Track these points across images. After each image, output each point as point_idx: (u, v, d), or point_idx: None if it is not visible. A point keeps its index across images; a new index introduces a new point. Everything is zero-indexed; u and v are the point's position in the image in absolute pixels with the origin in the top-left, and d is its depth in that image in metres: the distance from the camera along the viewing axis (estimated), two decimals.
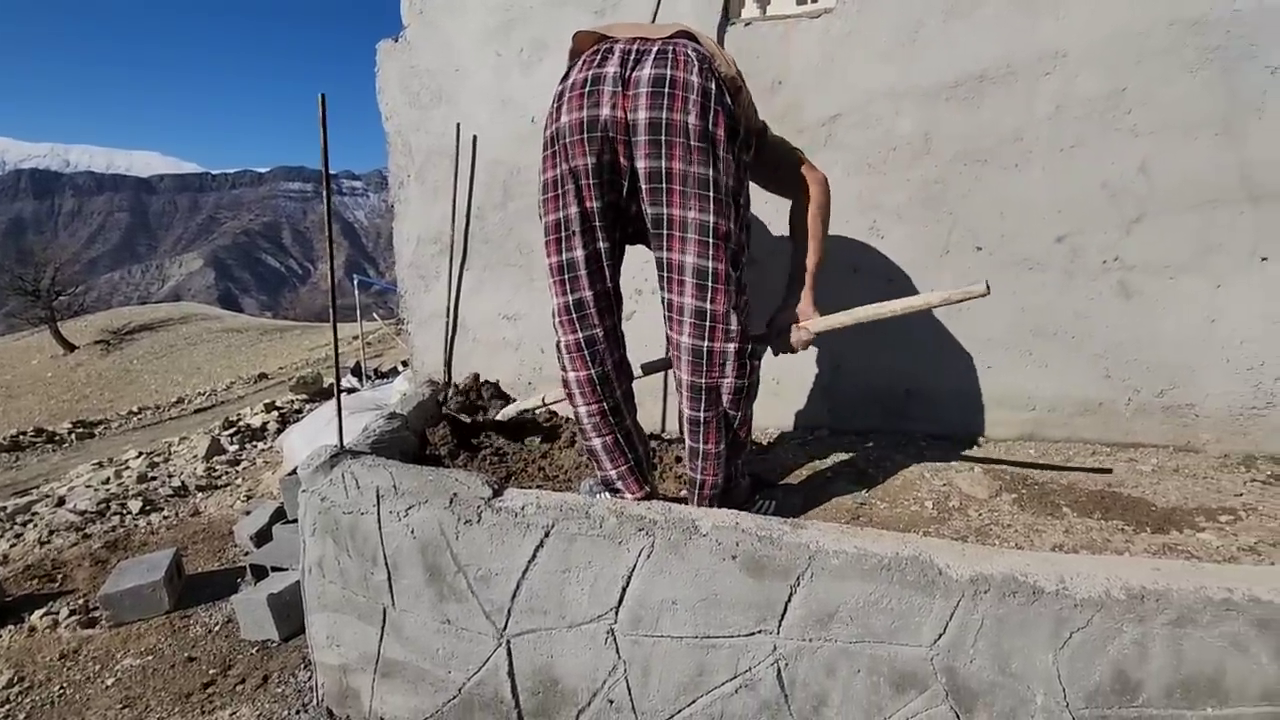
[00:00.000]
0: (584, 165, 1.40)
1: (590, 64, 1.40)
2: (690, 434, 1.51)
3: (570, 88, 1.41)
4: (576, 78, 1.40)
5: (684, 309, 1.43)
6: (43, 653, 2.02)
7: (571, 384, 1.54)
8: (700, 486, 1.55)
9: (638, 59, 1.37)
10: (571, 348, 1.52)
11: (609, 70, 1.37)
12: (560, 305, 1.50)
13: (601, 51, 1.42)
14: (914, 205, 2.02)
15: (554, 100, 1.46)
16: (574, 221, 1.45)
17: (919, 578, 1.12)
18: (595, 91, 1.37)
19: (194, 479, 3.80)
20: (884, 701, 1.16)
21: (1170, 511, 1.52)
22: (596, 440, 1.56)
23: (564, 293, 1.49)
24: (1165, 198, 1.80)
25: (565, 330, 1.51)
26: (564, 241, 1.47)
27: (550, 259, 1.50)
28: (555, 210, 1.47)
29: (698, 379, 1.45)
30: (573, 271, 1.47)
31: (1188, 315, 1.83)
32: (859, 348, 2.12)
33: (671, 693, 1.28)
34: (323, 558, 1.52)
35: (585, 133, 1.38)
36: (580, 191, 1.43)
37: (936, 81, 1.94)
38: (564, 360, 1.54)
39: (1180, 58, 1.75)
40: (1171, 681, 1.02)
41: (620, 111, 1.36)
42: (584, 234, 1.45)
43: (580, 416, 1.56)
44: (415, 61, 2.45)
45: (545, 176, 1.48)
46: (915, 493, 1.70)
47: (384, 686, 1.52)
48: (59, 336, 21.55)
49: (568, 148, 1.40)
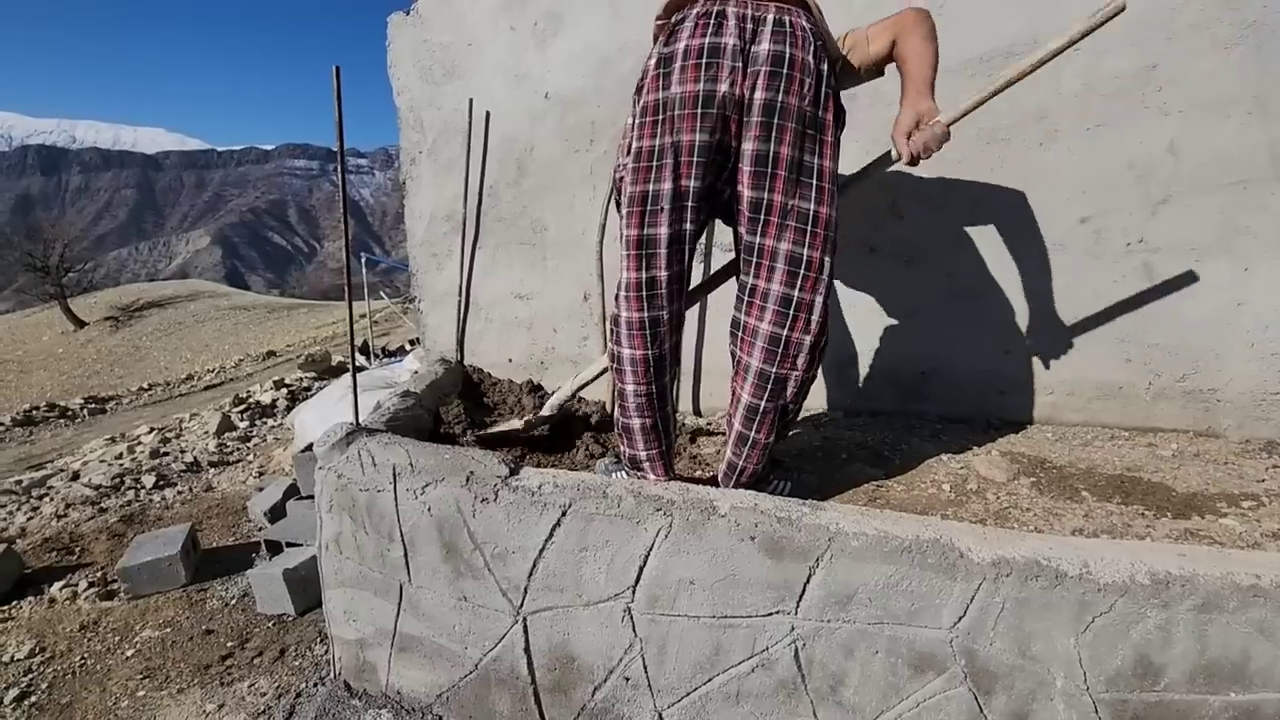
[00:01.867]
0: (692, 141, 1.34)
1: (704, 30, 1.31)
2: (744, 421, 1.47)
3: (684, 55, 1.31)
4: (690, 44, 1.31)
5: (769, 295, 1.40)
6: (63, 624, 2.05)
7: (625, 360, 1.50)
8: (739, 473, 1.52)
9: (755, 30, 1.30)
10: (635, 325, 1.47)
11: (727, 41, 1.29)
12: (631, 280, 1.45)
13: (714, 16, 1.32)
14: (934, 185, 1.98)
15: (658, 64, 1.36)
16: (664, 198, 1.38)
17: (940, 560, 1.12)
18: (714, 64, 1.30)
19: (206, 455, 3.83)
20: (902, 683, 1.16)
21: (1191, 497, 1.51)
22: (637, 420, 1.52)
23: (638, 269, 1.43)
24: (1193, 178, 1.76)
25: (631, 307, 1.46)
26: (648, 216, 1.41)
27: (629, 231, 1.43)
28: (646, 182, 1.39)
29: (769, 367, 1.42)
30: (651, 249, 1.42)
31: (1213, 298, 1.80)
32: (874, 329, 2.10)
33: (688, 671, 1.29)
34: (339, 534, 1.53)
35: (700, 108, 1.31)
36: (679, 168, 1.36)
37: (959, 58, 1.89)
38: (622, 336, 1.49)
39: (1213, 34, 1.70)
40: (1194, 667, 1.02)
41: (739, 89, 1.30)
42: (673, 212, 1.39)
43: (626, 394, 1.52)
44: (427, 35, 2.41)
45: (640, 144, 1.39)
46: (932, 475, 1.69)
47: (401, 661, 1.54)
48: (69, 313, 21.70)
49: (674, 120, 1.33)
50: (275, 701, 1.66)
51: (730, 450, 1.53)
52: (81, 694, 1.75)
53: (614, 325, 1.52)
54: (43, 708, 1.70)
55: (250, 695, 1.70)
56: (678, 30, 1.35)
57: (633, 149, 1.41)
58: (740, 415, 1.48)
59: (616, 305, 1.50)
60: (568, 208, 2.33)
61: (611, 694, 1.36)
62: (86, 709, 1.69)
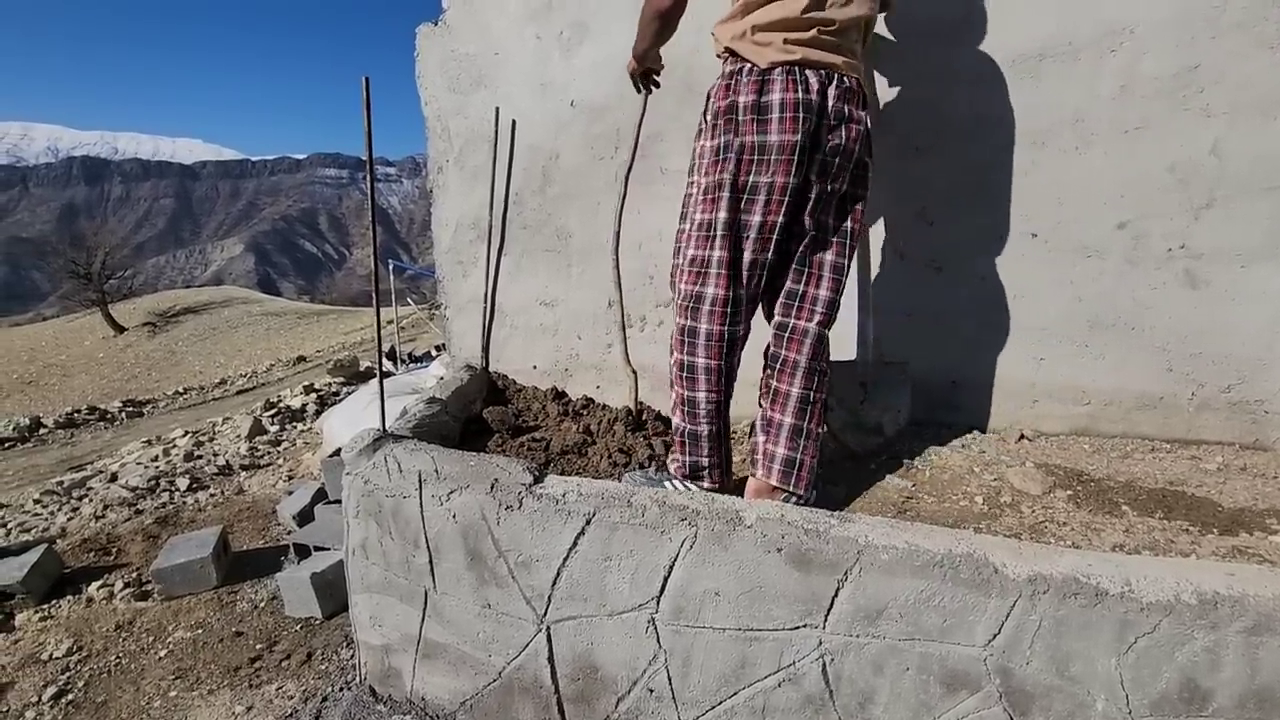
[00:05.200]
0: (785, 183, 1.52)
1: (794, 87, 1.50)
2: (797, 414, 1.60)
3: (780, 107, 1.50)
4: (785, 98, 1.49)
5: (818, 300, 1.62)
6: (100, 623, 2.10)
7: (700, 370, 1.61)
8: (799, 467, 1.59)
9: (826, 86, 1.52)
10: (715, 337, 1.60)
11: (814, 99, 1.50)
12: (719, 297, 1.58)
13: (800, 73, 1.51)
14: (965, 190, 1.94)
15: (753, 110, 1.51)
16: (753, 228, 1.56)
17: (974, 576, 1.09)
18: (807, 119, 1.49)
19: (238, 458, 3.91)
20: (934, 701, 1.13)
21: (1239, 512, 1.45)
22: (705, 427, 1.63)
23: (726, 287, 1.58)
24: (1238, 181, 1.70)
25: (715, 321, 1.59)
26: (740, 241, 1.57)
27: (718, 253, 1.58)
28: (737, 211, 1.56)
29: (815, 363, 1.61)
30: (737, 269, 1.58)
31: (1259, 306, 1.73)
32: (904, 337, 2.06)
33: (713, 684, 1.27)
34: (366, 540, 1.54)
35: (795, 154, 1.50)
36: (769, 204, 1.54)
37: (992, 60, 1.86)
38: (700, 346, 1.61)
39: (1259, 33, 1.64)
40: (1245, 691, 0.98)
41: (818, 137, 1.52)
42: (758, 241, 1.57)
43: (699, 401, 1.62)
44: (455, 45, 2.43)
45: (737, 178, 1.55)
46: (964, 487, 1.65)
47: (425, 667, 1.54)
48: (109, 318, 22.39)
49: (771, 163, 1.52)
50: (302, 705, 1.68)
51: (785, 447, 1.60)
52: (116, 693, 1.78)
53: (688, 336, 1.63)
54: (79, 706, 1.74)
55: (278, 698, 1.72)
56: (768, 82, 1.51)
57: (726, 181, 1.55)
58: (793, 409, 1.60)
59: (692, 319, 1.62)
60: (592, 215, 2.33)
61: (635, 705, 1.35)
62: (121, 708, 1.73)
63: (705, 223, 1.59)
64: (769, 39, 1.52)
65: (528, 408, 2.28)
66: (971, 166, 1.92)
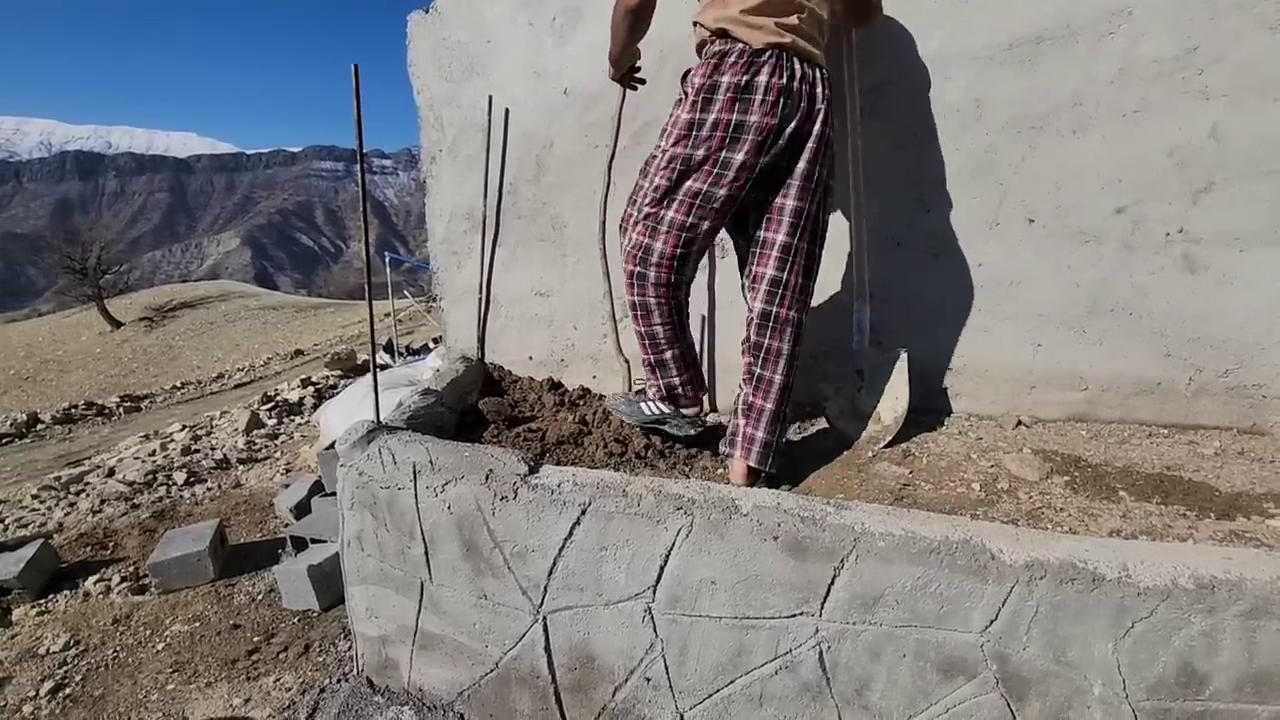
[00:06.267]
0: (754, 163, 1.60)
1: (781, 73, 1.57)
2: (778, 400, 1.70)
3: (764, 89, 1.56)
4: (771, 82, 1.56)
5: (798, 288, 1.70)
6: (97, 617, 2.10)
7: (652, 307, 1.74)
8: (773, 450, 1.68)
9: (813, 76, 1.61)
10: (663, 282, 1.71)
11: (799, 87, 1.58)
12: (667, 253, 1.69)
13: (786, 61, 1.58)
14: (962, 176, 1.93)
15: (737, 89, 1.57)
16: (717, 200, 1.63)
17: (970, 562, 1.08)
18: (789, 104, 1.58)
19: (235, 452, 3.90)
20: (931, 687, 1.13)
21: (1236, 497, 1.44)
22: (668, 352, 1.78)
23: (675, 245, 1.68)
24: (1238, 165, 1.69)
25: (662, 271, 1.70)
26: (697, 210, 1.65)
27: (675, 215, 1.66)
28: (704, 183, 1.63)
29: (797, 349, 1.73)
30: (691, 233, 1.67)
31: (1258, 290, 1.72)
32: (901, 324, 2.05)
33: (710, 673, 1.27)
34: (361, 531, 1.54)
35: (771, 137, 1.59)
36: (736, 180, 1.61)
37: (989, 44, 1.83)
38: (650, 288, 1.72)
39: (1259, 13, 1.62)
40: (1242, 675, 0.98)
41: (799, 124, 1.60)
42: (718, 212, 1.66)
43: (657, 333, 1.77)
44: (446, 33, 2.41)
45: (709, 153, 1.61)
46: (961, 474, 1.64)
47: (422, 658, 1.54)
48: (106, 313, 22.32)
49: (745, 142, 1.59)
50: (300, 697, 1.68)
51: (764, 432, 1.68)
52: (114, 687, 1.78)
53: (637, 280, 1.73)
54: (76, 700, 1.74)
55: (276, 690, 1.72)
56: (757, 64, 1.57)
57: (698, 154, 1.62)
58: (775, 397, 1.69)
59: (641, 266, 1.72)
60: (587, 204, 2.31)
61: (633, 694, 1.34)
62: (118, 701, 1.73)
63: (663, 188, 1.67)
64: (761, 22, 1.58)
65: (524, 398, 2.27)
66: (969, 152, 1.91)
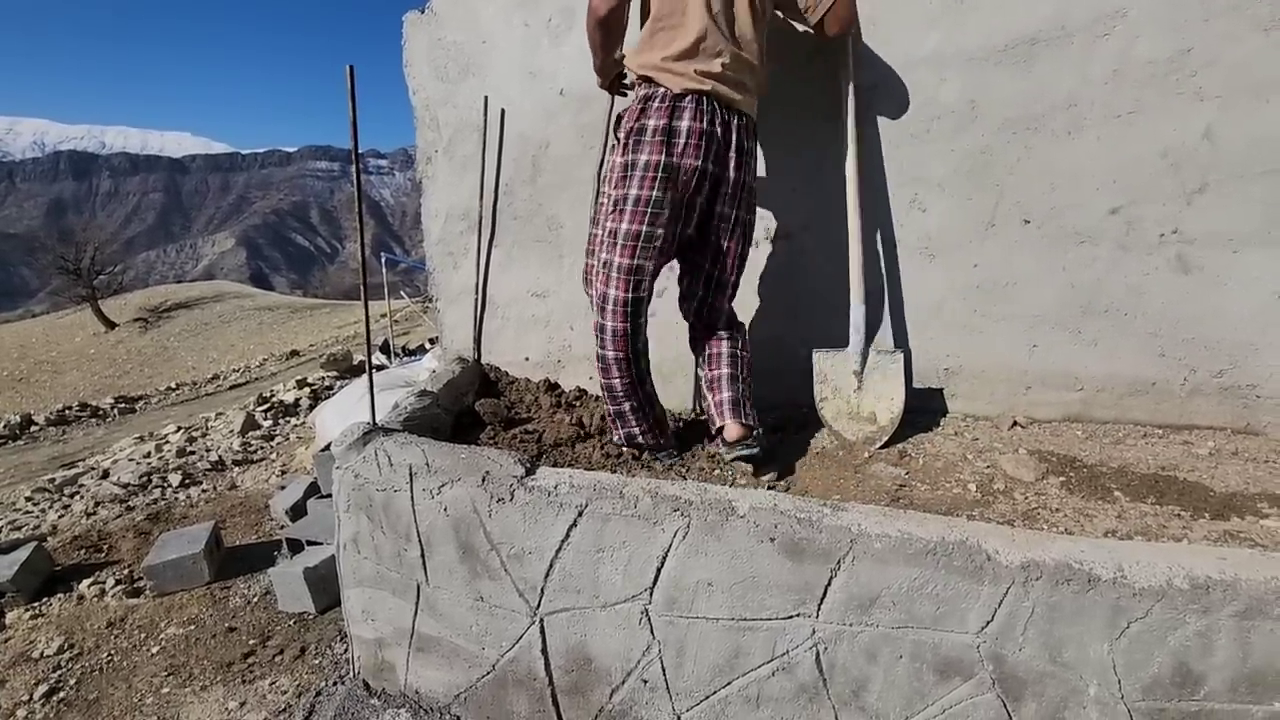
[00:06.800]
0: (686, 199, 1.73)
1: (702, 117, 1.66)
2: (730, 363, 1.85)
3: (687, 134, 1.66)
4: (693, 126, 1.66)
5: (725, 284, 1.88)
6: (91, 620, 2.09)
7: (610, 361, 1.79)
8: (744, 402, 1.80)
9: (728, 122, 1.71)
10: (619, 334, 1.76)
11: (717, 131, 1.68)
12: (620, 299, 1.74)
13: (707, 106, 1.67)
14: (958, 177, 1.93)
15: (662, 133, 1.66)
16: (657, 239, 1.71)
17: (966, 563, 1.08)
18: (710, 148, 1.68)
19: (230, 453, 3.89)
20: (927, 688, 1.13)
21: (1230, 497, 1.45)
22: (626, 404, 1.82)
23: (627, 289, 1.74)
24: (1231, 166, 1.69)
25: (618, 318, 1.75)
26: (641, 251, 1.72)
27: (622, 259, 1.73)
28: (642, 223, 1.70)
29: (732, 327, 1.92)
30: (639, 275, 1.74)
31: (1252, 290, 1.73)
32: (897, 325, 2.05)
33: (706, 674, 1.27)
34: (357, 534, 1.53)
35: (695, 178, 1.69)
36: (673, 218, 1.73)
37: (984, 45, 1.84)
38: (608, 341, 1.77)
39: (1252, 15, 1.63)
40: (1237, 675, 0.98)
41: (718, 168, 1.71)
42: (660, 251, 1.75)
43: (615, 386, 1.81)
44: (442, 33, 2.40)
45: (641, 192, 1.68)
46: (957, 475, 1.65)
47: (419, 661, 1.54)
48: (100, 314, 22.22)
49: (675, 182, 1.69)
50: (296, 700, 1.67)
51: (727, 391, 1.81)
52: (108, 690, 1.77)
53: (598, 333, 1.79)
54: (71, 704, 1.73)
55: (271, 693, 1.72)
56: (680, 108, 1.67)
57: (631, 194, 1.70)
58: (726, 361, 1.85)
59: (601, 316, 1.78)
60: (583, 205, 2.31)
61: (629, 696, 1.34)
62: (113, 705, 1.72)
63: (612, 231, 1.73)
64: (682, 69, 1.66)
65: (520, 400, 2.27)
66: (964, 153, 1.91)
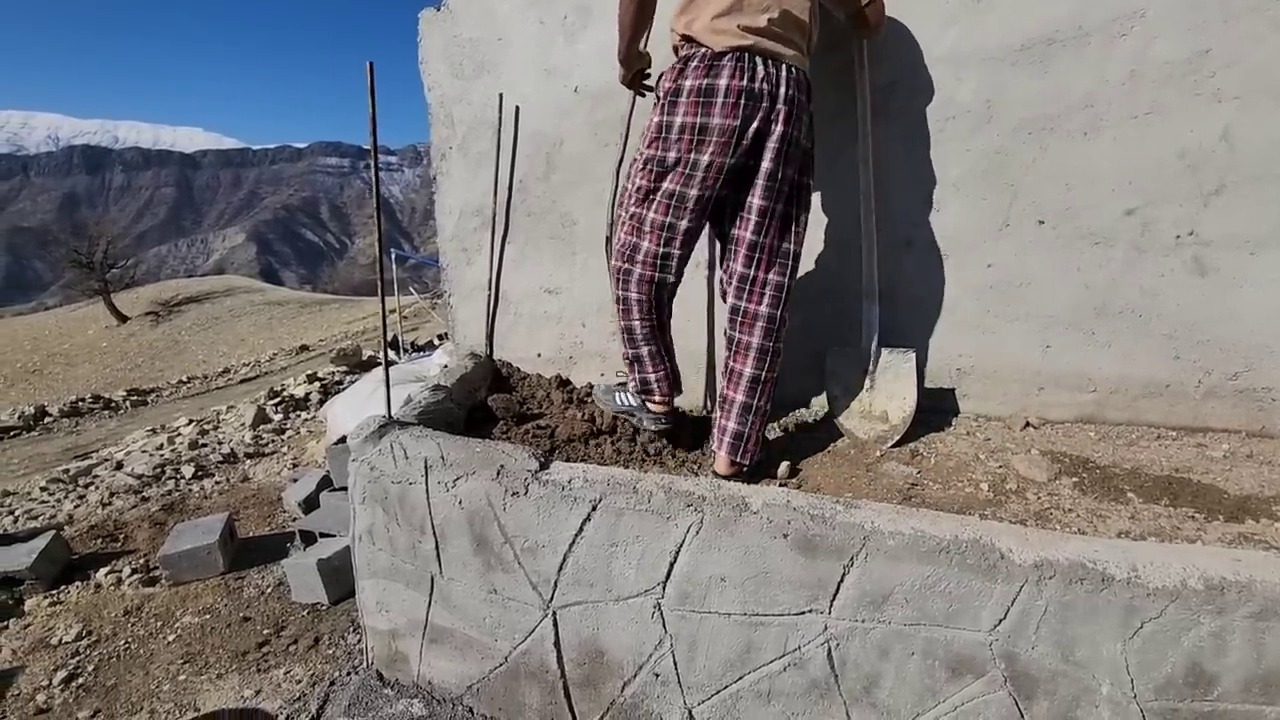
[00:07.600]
0: (722, 163, 1.65)
1: (741, 74, 1.60)
2: (749, 392, 1.74)
3: (725, 92, 1.60)
4: (731, 84, 1.60)
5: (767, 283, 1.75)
6: (109, 608, 2.12)
7: (633, 303, 1.80)
8: (746, 440, 1.74)
9: (776, 76, 1.62)
10: (646, 280, 1.78)
11: (761, 88, 1.61)
12: (651, 250, 1.75)
13: (748, 62, 1.61)
14: (973, 177, 1.93)
15: (698, 92, 1.62)
16: (690, 200, 1.68)
17: (979, 561, 1.09)
18: (750, 105, 1.61)
19: (242, 446, 3.92)
20: (939, 685, 1.13)
21: (1245, 499, 1.44)
22: (645, 348, 1.85)
23: (658, 243, 1.74)
24: (1250, 167, 1.68)
25: (646, 267, 1.76)
26: (674, 210, 1.71)
27: (655, 215, 1.73)
28: (677, 184, 1.68)
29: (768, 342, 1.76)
30: (671, 233, 1.74)
31: (1268, 293, 1.72)
32: (910, 324, 2.05)
33: (718, 669, 1.28)
34: (372, 526, 1.55)
35: (734, 138, 1.62)
36: (706, 180, 1.67)
37: (1001, 45, 1.84)
38: (633, 284, 1.78)
39: (1272, 16, 1.62)
40: (1251, 676, 0.98)
41: (763, 125, 1.63)
42: (694, 211, 1.71)
43: (635, 328, 1.83)
44: (458, 31, 2.42)
45: (680, 155, 1.67)
46: (970, 474, 1.65)
47: (432, 652, 1.55)
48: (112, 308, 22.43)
49: (711, 143, 1.63)
50: (310, 689, 1.69)
51: (735, 422, 1.75)
52: (126, 677, 1.80)
53: (623, 276, 1.80)
54: (89, 689, 1.76)
55: (286, 682, 1.74)
56: (718, 67, 1.61)
57: (664, 156, 1.69)
58: (745, 388, 1.75)
59: (628, 263, 1.79)
60: (597, 202, 2.32)
61: (641, 690, 1.35)
62: (131, 691, 1.74)
63: (644, 189, 1.74)
64: (725, 26, 1.62)
65: (532, 395, 2.28)
66: (980, 152, 1.91)
